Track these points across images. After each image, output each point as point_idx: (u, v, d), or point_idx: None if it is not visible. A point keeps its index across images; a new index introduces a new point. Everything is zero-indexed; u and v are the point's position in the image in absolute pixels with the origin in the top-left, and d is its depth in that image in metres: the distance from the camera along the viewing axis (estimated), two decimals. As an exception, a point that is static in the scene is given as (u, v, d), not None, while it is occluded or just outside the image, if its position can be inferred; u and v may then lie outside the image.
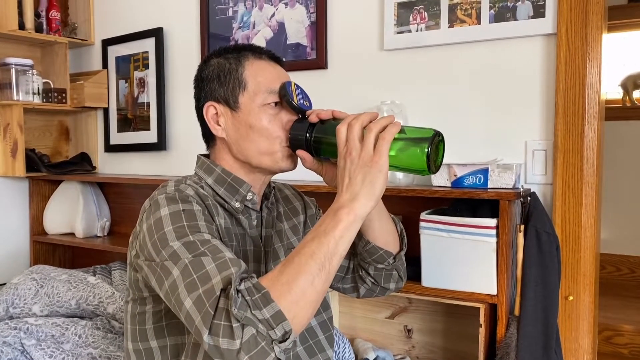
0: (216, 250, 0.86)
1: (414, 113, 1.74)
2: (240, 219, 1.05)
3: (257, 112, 1.01)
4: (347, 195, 0.87)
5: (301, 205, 1.24)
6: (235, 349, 0.76)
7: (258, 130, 1.01)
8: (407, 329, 1.77)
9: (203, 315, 0.79)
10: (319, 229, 0.85)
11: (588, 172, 1.51)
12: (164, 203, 0.94)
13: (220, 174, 1.05)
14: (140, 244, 0.94)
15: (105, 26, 2.55)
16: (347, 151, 0.88)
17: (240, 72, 1.03)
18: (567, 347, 1.54)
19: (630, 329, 2.58)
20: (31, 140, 2.50)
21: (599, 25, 1.50)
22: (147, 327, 0.99)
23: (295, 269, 0.81)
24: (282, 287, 0.79)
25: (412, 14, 1.75)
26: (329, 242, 0.83)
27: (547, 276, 1.44)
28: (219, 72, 1.04)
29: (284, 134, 1.02)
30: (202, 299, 0.80)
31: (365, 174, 0.86)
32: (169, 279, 0.86)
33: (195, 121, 2.27)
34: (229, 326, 0.77)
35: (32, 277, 1.74)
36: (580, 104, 1.51)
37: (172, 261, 0.86)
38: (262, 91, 1.01)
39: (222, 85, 1.03)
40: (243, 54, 1.05)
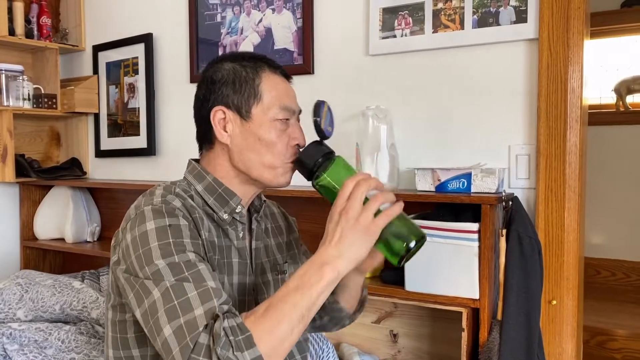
0: (199, 277, 0.87)
1: (398, 118, 1.75)
2: (227, 230, 1.04)
3: (268, 125, 1.01)
4: (334, 252, 0.89)
5: (285, 225, 1.25)
6: None
7: (266, 143, 1.01)
8: (392, 334, 1.77)
9: (182, 347, 0.80)
10: (303, 279, 0.87)
11: (570, 176, 1.52)
12: (150, 216, 0.92)
13: (212, 183, 1.04)
14: (123, 253, 0.93)
15: (95, 32, 2.56)
16: (345, 209, 0.90)
17: (257, 83, 1.02)
18: (551, 352, 1.54)
19: (623, 334, 2.57)
20: (22, 146, 2.51)
21: (580, 30, 1.50)
22: (128, 336, 0.98)
23: (279, 317, 0.83)
24: (264, 333, 0.82)
25: (397, 19, 1.76)
26: (312, 295, 0.86)
27: (529, 280, 1.44)
28: (234, 78, 1.03)
29: (287, 151, 1.03)
30: (182, 330, 0.81)
31: (356, 238, 0.89)
32: (148, 299, 0.86)
33: (185, 126, 2.28)
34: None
35: (17, 282, 1.74)
36: (562, 109, 1.52)
37: (154, 281, 0.86)
38: (275, 106, 1.02)
39: (236, 92, 1.02)
40: (259, 64, 1.05)
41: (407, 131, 1.77)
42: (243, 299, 1.04)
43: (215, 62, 1.07)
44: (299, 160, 1.02)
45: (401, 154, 1.72)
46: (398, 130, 1.74)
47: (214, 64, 1.07)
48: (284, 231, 1.23)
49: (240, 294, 1.03)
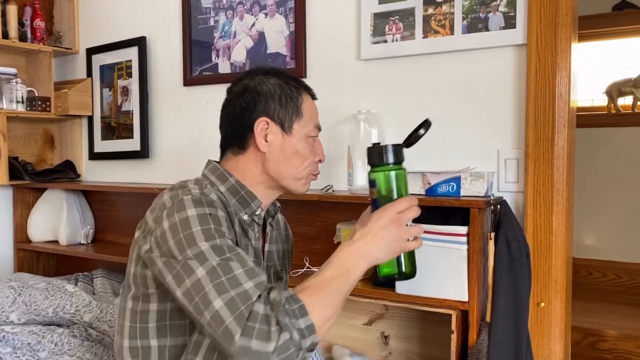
0: (242, 258, 0.93)
1: (389, 122, 1.76)
2: (247, 230, 1.11)
3: (304, 141, 1.14)
4: (371, 248, 0.97)
5: (285, 235, 1.33)
6: (268, 351, 0.84)
7: (301, 156, 1.13)
8: (384, 336, 1.79)
9: (236, 316, 0.85)
10: (344, 266, 0.95)
11: (558, 179, 1.54)
12: (190, 204, 0.98)
13: (234, 185, 1.11)
14: (158, 240, 0.97)
15: (89, 35, 2.57)
16: (396, 220, 0.99)
17: (300, 101, 1.14)
18: (540, 354, 1.56)
19: (614, 335, 2.59)
20: (16, 149, 2.52)
21: (568, 36, 1.52)
22: (149, 326, 1.02)
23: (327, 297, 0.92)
24: (316, 307, 0.90)
25: (387, 24, 1.78)
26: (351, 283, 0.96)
27: (517, 283, 1.46)
28: (281, 93, 1.13)
29: (312, 165, 1.16)
30: (234, 301, 0.87)
31: (390, 247, 0.99)
32: (191, 278, 0.90)
33: (179, 129, 2.29)
34: (265, 329, 0.85)
35: (10, 285, 1.75)
36: (550, 113, 1.54)
37: (198, 261, 0.91)
38: (311, 124, 1.15)
39: (282, 107, 1.12)
40: (300, 85, 1.17)
41: (397, 135, 1.78)
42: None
43: (258, 74, 1.15)
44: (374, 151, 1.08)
45: (392, 157, 1.74)
46: (389, 134, 1.75)
47: (256, 75, 1.15)
48: (284, 240, 1.31)
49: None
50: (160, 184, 2.26)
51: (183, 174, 2.28)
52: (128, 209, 2.43)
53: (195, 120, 2.26)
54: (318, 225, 1.87)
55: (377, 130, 1.68)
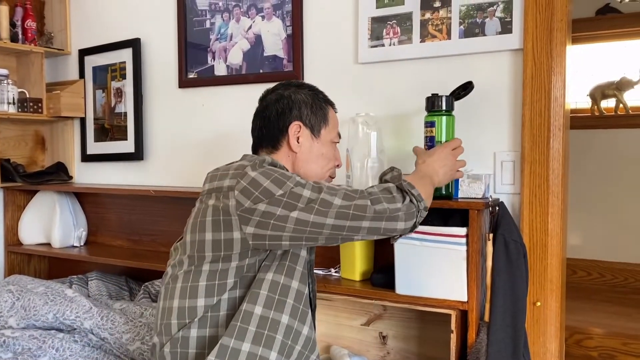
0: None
1: (387, 126, 1.79)
2: None
3: (329, 145, 1.38)
4: (437, 168, 1.40)
5: None
6: (398, 207, 1.17)
7: (326, 158, 1.37)
8: (382, 336, 1.81)
9: (360, 196, 1.15)
10: (427, 172, 1.38)
11: (554, 182, 1.57)
12: (269, 162, 1.22)
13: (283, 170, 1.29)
14: (247, 189, 1.12)
15: (81, 36, 2.55)
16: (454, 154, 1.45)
17: (327, 111, 1.39)
18: (535, 352, 1.59)
19: (599, 332, 2.65)
20: (6, 150, 2.49)
21: (563, 41, 1.56)
22: (199, 284, 1.15)
23: (424, 185, 1.29)
24: (419, 187, 1.25)
25: (385, 28, 1.80)
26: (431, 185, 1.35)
27: (515, 283, 1.49)
28: (312, 102, 1.36)
29: (331, 169, 1.40)
30: (351, 193, 1.16)
31: (448, 171, 1.43)
32: (301, 199, 1.12)
33: (173, 131, 2.28)
34: (390, 196, 1.18)
35: (8, 288, 1.73)
36: (545, 117, 1.57)
37: (300, 187, 1.14)
38: (335, 131, 1.41)
39: (313, 113, 1.35)
40: (327, 100, 1.42)
41: (396, 137, 1.81)
42: (305, 271, 1.25)
43: (292, 86, 1.38)
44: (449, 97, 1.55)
45: (390, 159, 1.77)
46: (387, 137, 1.78)
47: (290, 87, 1.38)
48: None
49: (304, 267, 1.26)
50: (155, 186, 2.26)
51: (177, 176, 2.30)
52: (121, 211, 2.42)
53: (191, 122, 2.26)
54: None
55: (375, 133, 1.69)
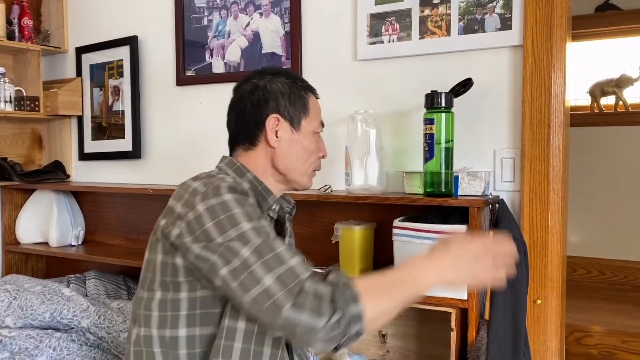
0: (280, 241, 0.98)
1: (386, 123, 1.78)
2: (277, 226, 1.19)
3: (310, 136, 1.22)
4: (448, 269, 1.00)
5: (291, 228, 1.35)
6: (318, 326, 0.86)
7: (308, 151, 1.21)
8: (381, 334, 1.80)
9: (287, 291, 0.88)
10: (416, 273, 0.98)
11: (554, 179, 1.56)
12: (225, 190, 1.01)
13: (252, 180, 1.16)
14: (191, 224, 0.98)
15: (78, 34, 2.53)
16: (485, 253, 1.04)
17: (307, 100, 1.22)
18: (536, 350, 1.58)
19: (599, 330, 2.64)
20: (3, 149, 2.47)
21: (563, 37, 1.55)
22: (180, 314, 1.02)
23: (384, 297, 0.94)
24: (370, 300, 0.91)
25: (384, 25, 1.79)
26: (412, 293, 0.97)
27: (515, 281, 1.47)
28: (290, 91, 1.19)
29: (316, 161, 1.25)
30: (285, 277, 0.90)
31: (466, 276, 1.03)
32: (238, 257, 0.93)
33: (171, 129, 2.27)
34: (317, 305, 0.87)
35: (4, 288, 1.72)
36: (545, 113, 1.56)
37: (242, 241, 0.94)
38: (317, 121, 1.24)
39: (291, 104, 1.19)
40: (307, 86, 1.25)
41: (395, 135, 1.80)
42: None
43: (267, 74, 1.21)
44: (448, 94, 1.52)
45: (389, 157, 1.76)
46: (386, 134, 1.77)
47: (265, 75, 1.21)
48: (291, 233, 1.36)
49: None
50: (153, 185, 2.25)
51: (176, 174, 2.28)
52: (119, 210, 2.41)
53: (189, 120, 2.25)
54: (316, 225, 1.87)
55: (375, 130, 1.69)
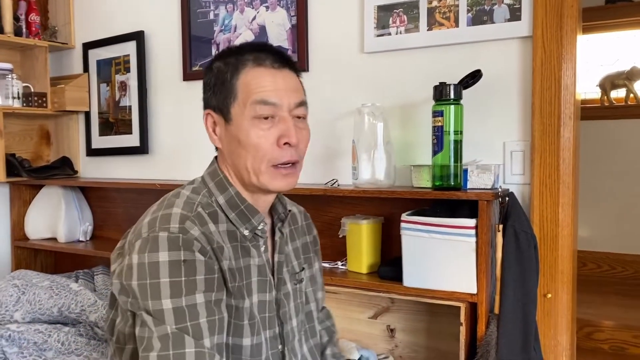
0: (199, 331, 0.86)
1: (394, 115, 1.76)
2: (247, 247, 1.00)
3: (247, 126, 0.95)
4: None
5: (305, 224, 1.21)
6: None
7: (245, 145, 0.95)
8: (390, 329, 1.79)
9: None
10: None
11: (564, 171, 1.54)
12: (164, 246, 0.88)
13: (234, 197, 0.99)
14: (123, 271, 0.90)
15: (85, 29, 2.53)
16: None
17: (234, 80, 0.96)
18: (546, 344, 1.57)
19: (610, 325, 2.62)
20: (11, 145, 2.48)
21: (574, 28, 1.53)
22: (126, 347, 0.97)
23: None
24: None
25: (391, 17, 1.77)
26: None
27: (525, 275, 1.46)
28: (216, 78, 0.98)
29: (275, 151, 0.95)
30: None
31: None
32: (144, 332, 0.85)
33: (178, 124, 2.28)
34: None
35: (13, 283, 1.72)
36: (556, 105, 1.54)
37: (155, 320, 0.85)
38: (250, 102, 0.94)
39: (216, 93, 0.98)
40: (243, 59, 0.97)
41: (402, 128, 1.79)
42: (264, 316, 1.01)
43: (208, 65, 1.03)
44: (457, 86, 1.50)
45: (397, 150, 1.74)
46: (394, 127, 1.75)
47: (207, 67, 1.03)
48: (304, 231, 1.20)
49: (261, 312, 1.00)
50: (160, 180, 2.25)
51: (182, 170, 2.28)
52: (127, 205, 2.41)
53: (195, 115, 2.24)
54: (323, 219, 1.86)
55: (382, 123, 1.67)
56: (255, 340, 0.97)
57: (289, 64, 1.00)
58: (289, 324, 1.07)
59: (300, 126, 1.00)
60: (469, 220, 1.44)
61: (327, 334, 1.26)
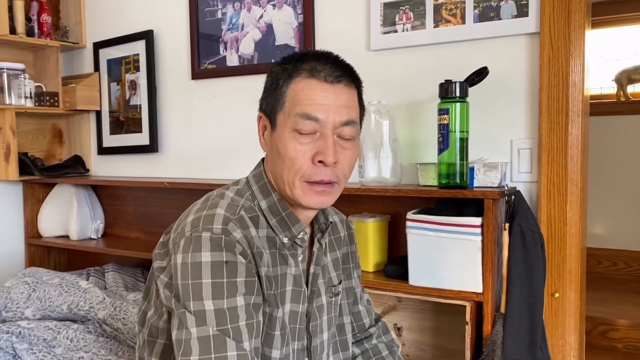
0: (239, 334, 0.85)
1: (400, 114, 1.75)
2: (285, 256, 0.98)
3: (287, 137, 0.92)
4: None
5: (345, 235, 1.18)
6: None
7: (282, 156, 0.93)
8: (396, 327, 1.78)
9: None
10: None
11: (572, 169, 1.52)
12: (207, 246, 0.87)
13: (276, 204, 0.97)
14: (170, 271, 0.90)
15: (96, 29, 2.56)
16: None
17: (286, 87, 0.93)
18: (554, 344, 1.55)
19: (625, 324, 2.59)
20: (24, 144, 2.52)
21: (582, 24, 1.50)
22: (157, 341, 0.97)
23: None
24: None
25: (397, 14, 1.76)
26: None
27: (532, 274, 1.45)
28: (271, 83, 0.96)
29: (309, 168, 0.92)
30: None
31: None
32: (186, 333, 0.84)
33: (188, 123, 2.28)
34: None
35: (24, 280, 1.75)
36: (563, 102, 1.52)
37: (197, 319, 0.84)
38: (294, 113, 0.91)
39: (270, 95, 0.96)
40: (299, 67, 0.94)
41: (409, 126, 1.78)
42: (294, 327, 1.00)
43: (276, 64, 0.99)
44: (463, 84, 1.48)
45: (403, 149, 1.73)
46: (400, 125, 1.74)
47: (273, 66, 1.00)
48: (343, 242, 1.17)
49: (292, 322, 0.99)
50: (169, 178, 2.26)
51: (192, 168, 2.30)
52: (138, 203, 2.43)
53: (204, 113, 2.25)
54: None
55: (388, 121, 1.66)
56: (284, 351, 0.96)
57: (346, 78, 0.95)
58: (320, 337, 1.05)
59: (345, 146, 0.94)
60: (475, 218, 1.43)
61: (386, 347, 1.22)
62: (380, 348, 1.20)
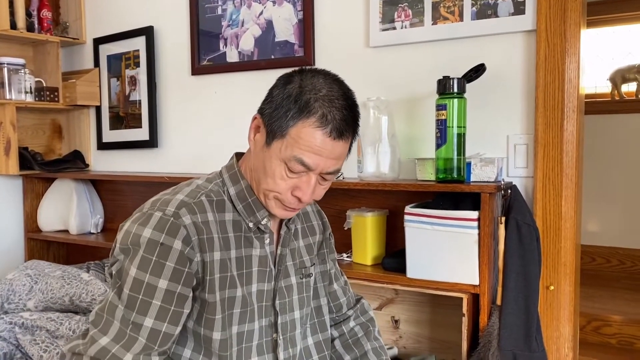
0: (145, 309, 0.92)
1: (398, 110, 1.78)
2: (251, 238, 1.05)
3: (277, 164, 0.97)
4: None
5: (319, 224, 1.23)
6: None
7: (266, 175, 0.99)
8: (394, 320, 1.81)
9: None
10: None
11: (568, 165, 1.55)
12: (153, 224, 0.94)
13: (243, 191, 1.04)
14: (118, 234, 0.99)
15: (96, 25, 2.57)
16: None
17: (292, 121, 0.95)
18: (549, 335, 1.58)
19: (618, 320, 2.62)
20: (24, 139, 2.53)
21: (577, 21, 1.53)
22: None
23: None
24: None
25: (396, 11, 1.79)
26: None
27: (527, 266, 1.48)
28: (282, 99, 0.96)
29: (286, 194, 0.99)
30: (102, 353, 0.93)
31: None
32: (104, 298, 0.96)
33: (187, 118, 2.29)
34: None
35: (26, 272, 1.77)
36: (559, 99, 1.55)
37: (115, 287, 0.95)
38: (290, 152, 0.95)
39: (273, 111, 0.97)
40: (313, 105, 0.94)
41: (407, 122, 1.80)
42: (261, 304, 1.06)
43: (294, 74, 1.00)
44: (461, 80, 1.51)
45: (402, 144, 1.76)
46: (399, 121, 1.77)
47: (287, 76, 1.00)
48: (317, 230, 1.22)
49: (258, 301, 1.05)
50: (169, 173, 2.28)
51: (192, 163, 2.32)
52: (137, 198, 2.45)
53: (203, 109, 2.27)
54: (328, 212, 1.86)
55: (387, 117, 1.69)
56: (247, 327, 1.03)
57: (349, 132, 0.98)
58: (290, 315, 1.10)
59: (323, 183, 1.02)
60: (472, 212, 1.46)
61: (361, 329, 1.27)
62: (356, 330, 1.26)
